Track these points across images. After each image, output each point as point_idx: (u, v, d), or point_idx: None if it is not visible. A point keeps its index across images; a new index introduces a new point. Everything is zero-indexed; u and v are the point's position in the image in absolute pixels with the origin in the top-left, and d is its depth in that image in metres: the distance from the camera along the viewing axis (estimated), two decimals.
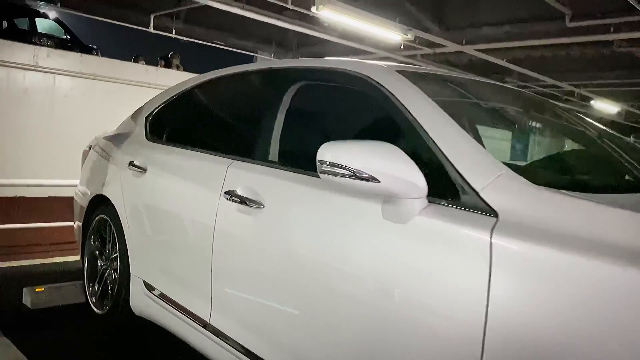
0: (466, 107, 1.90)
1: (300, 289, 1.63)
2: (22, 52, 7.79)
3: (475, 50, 7.54)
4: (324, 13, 5.03)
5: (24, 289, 3.20)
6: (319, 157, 1.39)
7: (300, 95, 2.07)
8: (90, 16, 7.76)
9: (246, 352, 1.83)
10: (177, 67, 10.95)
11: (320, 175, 1.40)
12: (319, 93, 2.07)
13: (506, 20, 6.97)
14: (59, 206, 4.53)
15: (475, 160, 1.35)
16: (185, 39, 8.58)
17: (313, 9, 5.00)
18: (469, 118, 1.78)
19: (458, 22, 7.57)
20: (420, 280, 1.30)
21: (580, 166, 1.67)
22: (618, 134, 2.28)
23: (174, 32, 8.21)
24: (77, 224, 3.28)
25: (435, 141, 1.43)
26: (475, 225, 1.23)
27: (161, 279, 2.40)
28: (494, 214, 1.23)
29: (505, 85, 2.35)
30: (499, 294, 1.14)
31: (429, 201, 1.36)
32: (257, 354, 1.79)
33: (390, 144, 1.36)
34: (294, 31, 7.64)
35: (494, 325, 1.13)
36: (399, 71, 1.76)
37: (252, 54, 10.55)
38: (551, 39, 6.62)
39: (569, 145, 1.98)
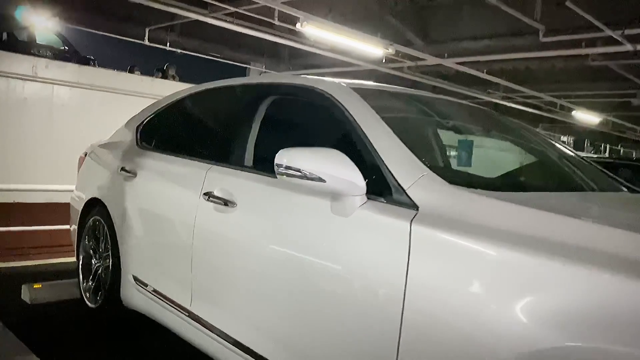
0: (407, 119, 2.19)
1: (264, 275, 1.90)
2: (22, 63, 8.06)
3: (455, 63, 7.85)
4: (307, 29, 5.33)
5: (23, 286, 3.45)
6: (276, 161, 1.66)
7: (272, 108, 2.35)
8: (87, 29, 8.03)
9: (220, 333, 2.09)
10: (173, 78, 11.25)
11: (278, 176, 1.68)
12: (288, 106, 2.35)
13: (486, 35, 7.29)
14: (57, 211, 4.77)
15: (405, 164, 1.63)
16: (179, 51, 8.87)
17: (298, 25, 5.30)
18: (408, 128, 2.06)
19: (441, 36, 7.89)
20: (358, 262, 1.57)
21: (493, 168, 1.94)
22: (553, 143, 2.57)
23: (168, 45, 8.49)
24: (73, 228, 3.53)
25: (376, 148, 1.70)
26: (399, 217, 1.50)
27: (149, 273, 2.65)
28: (416, 207, 1.51)
29: (448, 98, 2.64)
30: (415, 270, 1.41)
31: (368, 198, 1.63)
32: (230, 335, 2.04)
33: (335, 150, 1.64)
34: (285, 44, 7.96)
35: (411, 296, 1.40)
36: (353, 88, 2.04)
37: (245, 66, 10.87)
38: (526, 53, 6.94)
39: (496, 150, 2.27)
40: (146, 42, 7.99)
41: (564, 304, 1.13)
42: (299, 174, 1.62)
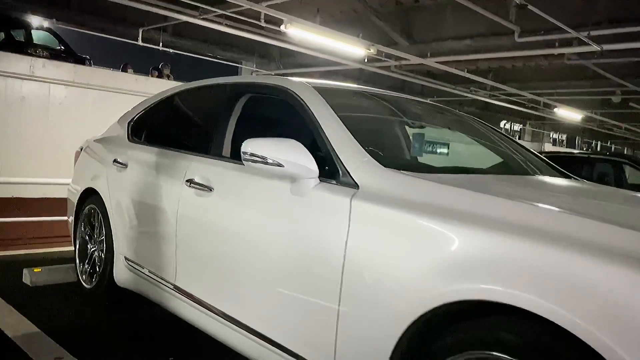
0: (359, 113, 2.49)
1: (236, 250, 2.19)
2: (19, 63, 8.30)
3: (437, 62, 8.16)
4: (291, 31, 5.62)
5: (24, 270, 3.75)
6: (242, 149, 1.96)
7: (248, 104, 2.64)
8: (83, 30, 8.29)
9: (199, 301, 2.38)
10: (168, 77, 11.51)
11: (244, 162, 1.97)
12: (261, 102, 2.64)
13: (467, 35, 7.60)
14: (54, 204, 5.05)
15: (350, 151, 1.92)
16: (171, 51, 9.14)
17: (282, 27, 5.59)
18: (359, 121, 2.35)
19: (424, 37, 8.20)
20: (312, 234, 1.86)
21: (418, 153, 2.25)
22: (502, 135, 2.88)
23: (161, 45, 8.76)
24: (70, 219, 3.82)
25: (329, 138, 2.00)
26: (342, 194, 1.80)
27: (138, 253, 2.94)
28: (357, 186, 1.81)
29: (403, 96, 2.94)
30: (352, 237, 1.70)
31: (321, 180, 1.93)
32: (211, 304, 2.33)
33: (292, 140, 1.93)
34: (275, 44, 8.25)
35: (349, 258, 1.69)
36: (314, 87, 2.33)
37: (237, 65, 11.15)
38: (502, 53, 7.25)
39: (446, 141, 2.58)
40: (139, 43, 8.26)
41: (463, 258, 1.42)
42: (261, 160, 1.91)
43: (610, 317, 1.14)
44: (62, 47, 10.63)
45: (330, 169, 1.93)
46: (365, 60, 7.68)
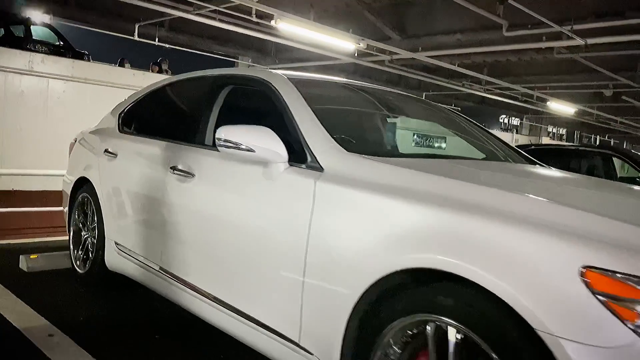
0: (331, 103, 2.63)
1: (215, 231, 2.34)
2: (18, 58, 8.42)
3: (428, 56, 8.28)
4: (281, 25, 5.74)
5: (21, 256, 3.91)
6: (216, 135, 2.10)
7: (229, 95, 2.78)
8: (81, 25, 8.42)
9: (182, 281, 2.53)
10: (165, 72, 11.65)
11: (218, 148, 2.11)
12: (242, 93, 2.77)
13: (457, 30, 7.71)
14: (52, 196, 5.20)
15: (318, 138, 2.06)
16: (167, 46, 9.26)
17: (272, 22, 5.72)
18: (329, 109, 2.49)
19: (416, 31, 8.31)
20: (281, 213, 2.00)
21: (384, 140, 2.39)
22: (472, 124, 3.02)
23: (157, 40, 8.88)
24: (65, 209, 3.97)
25: (299, 126, 2.14)
26: (309, 177, 1.94)
27: (127, 238, 3.09)
28: (322, 169, 1.95)
29: (377, 87, 3.08)
30: (316, 214, 1.84)
31: (291, 164, 2.07)
32: (192, 283, 2.48)
33: (264, 127, 2.07)
34: (270, 39, 8.37)
35: (312, 237, 1.84)
36: (289, 78, 2.47)
37: (234, 60, 11.27)
38: (490, 47, 7.36)
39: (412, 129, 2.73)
40: (135, 38, 8.38)
41: (408, 231, 1.57)
42: (234, 145, 2.06)
43: (525, 277, 1.28)
44: (61, 43, 10.78)
45: (299, 154, 2.07)
46: (356, 55, 7.79)
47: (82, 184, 3.64)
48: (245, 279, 2.16)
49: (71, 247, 3.74)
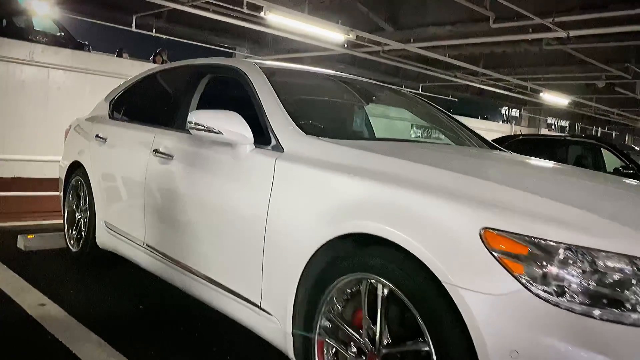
0: (297, 90, 2.82)
1: (191, 208, 2.54)
2: (20, 48, 8.65)
3: (419, 47, 8.42)
4: (270, 17, 5.91)
5: (18, 236, 4.13)
6: (188, 119, 2.30)
7: (209, 83, 2.98)
8: (81, 17, 8.59)
9: (163, 255, 2.75)
10: (164, 62, 11.84)
11: (190, 131, 2.32)
12: (220, 81, 2.97)
13: (448, 21, 7.85)
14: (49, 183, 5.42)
15: (281, 121, 2.26)
16: (164, 37, 9.43)
17: (262, 13, 5.89)
18: (294, 96, 2.68)
19: (409, 23, 8.45)
20: (245, 193, 2.20)
21: (341, 123, 2.59)
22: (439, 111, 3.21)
23: (154, 31, 9.06)
24: (60, 193, 4.19)
25: (265, 110, 2.34)
26: (270, 157, 2.14)
27: (116, 217, 3.30)
28: (282, 150, 2.15)
29: (349, 76, 3.28)
30: (275, 191, 2.04)
31: (257, 146, 2.26)
32: (171, 256, 2.69)
33: (231, 111, 2.27)
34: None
35: (271, 207, 2.04)
36: (261, 67, 2.66)
37: (231, 51, 11.44)
38: (478, 39, 7.51)
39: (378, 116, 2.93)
40: (133, 29, 8.57)
41: (348, 202, 1.77)
42: (204, 128, 2.26)
43: (436, 239, 1.48)
44: (62, 34, 10.98)
45: (265, 137, 2.27)
46: (346, 46, 7.95)
47: (76, 168, 3.85)
48: (216, 250, 2.37)
49: (65, 227, 3.96)
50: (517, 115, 23.16)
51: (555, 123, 27.10)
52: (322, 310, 1.81)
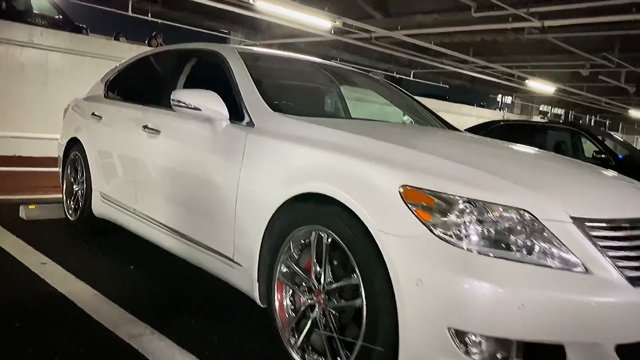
0: (270, 73, 3.14)
1: (174, 177, 2.88)
2: (19, 31, 8.88)
3: (405, 35, 8.70)
4: (259, 3, 6.18)
5: (20, 206, 4.47)
6: (171, 97, 2.62)
7: (194, 65, 3.29)
8: (77, 0, 8.81)
9: (151, 219, 3.08)
10: (159, 46, 12.09)
11: (173, 108, 2.64)
12: (204, 64, 3.27)
13: (435, 9, 8.12)
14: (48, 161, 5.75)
15: (253, 100, 2.58)
16: (160, 21, 9.67)
17: (251, 0, 6.17)
18: (267, 78, 3.00)
19: (397, 10, 8.72)
20: (221, 164, 2.53)
21: (308, 102, 2.93)
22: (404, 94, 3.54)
23: (149, 15, 9.31)
24: (59, 168, 4.51)
25: (240, 89, 2.66)
26: (242, 131, 2.46)
27: (110, 188, 3.64)
28: (253, 125, 2.47)
29: (319, 60, 3.60)
30: (245, 161, 2.37)
31: (231, 122, 2.59)
32: (158, 219, 3.03)
33: (209, 91, 2.59)
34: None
35: (242, 176, 2.37)
36: (239, 52, 2.98)
37: (225, 36, 11.69)
38: (459, 27, 7.79)
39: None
40: (129, 13, 8.81)
41: (302, 167, 2.10)
42: (184, 105, 2.58)
43: (366, 195, 1.81)
44: (61, 17, 11.19)
45: (239, 114, 2.60)
46: (333, 32, 8.22)
47: (74, 144, 4.17)
48: (196, 213, 2.71)
49: (64, 198, 4.29)
50: (510, 102, 23.44)
51: (550, 111, 27.38)
52: (281, 258, 2.15)
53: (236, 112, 2.60)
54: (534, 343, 1.61)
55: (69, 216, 4.19)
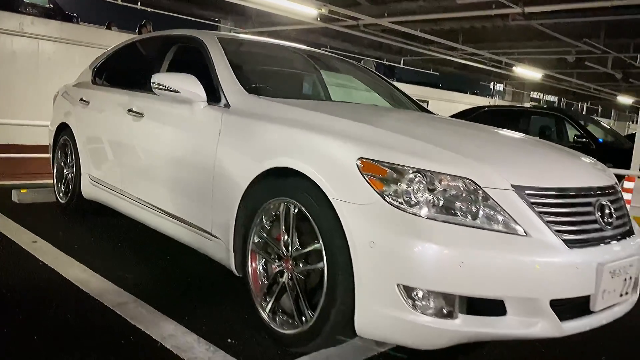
0: (247, 57, 3.28)
1: (156, 156, 3.02)
2: (9, 20, 8.96)
3: (390, 22, 8.82)
4: None
5: (13, 190, 4.61)
6: (151, 80, 2.76)
7: (177, 51, 3.43)
8: None
9: (136, 198, 3.24)
10: (149, 33, 12.12)
11: (154, 91, 2.78)
12: (186, 49, 3.41)
13: None
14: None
15: (229, 82, 2.73)
16: (149, 9, 9.74)
17: None
18: (244, 62, 3.14)
19: None
20: (199, 143, 2.68)
21: (282, 85, 3.09)
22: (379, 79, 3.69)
23: (139, 4, 9.38)
24: (50, 154, 4.65)
25: (217, 73, 2.80)
26: (218, 112, 2.61)
27: (98, 170, 3.78)
28: (229, 106, 2.62)
29: (297, 46, 3.74)
30: (221, 139, 2.52)
31: (209, 104, 2.73)
32: (143, 198, 3.18)
33: (187, 74, 2.73)
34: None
35: (218, 155, 2.52)
36: (218, 38, 3.12)
37: (215, 24, 11.76)
38: (444, 14, 7.91)
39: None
40: (119, 2, 8.89)
41: (271, 143, 2.25)
42: (164, 88, 2.72)
43: (328, 167, 1.97)
44: (51, 6, 11.25)
45: (217, 96, 2.74)
46: (318, 19, 8.33)
47: (63, 129, 4.30)
48: (178, 191, 2.86)
49: (55, 182, 4.44)
50: (502, 89, 23.60)
51: (542, 98, 27.55)
52: (254, 230, 2.31)
53: (214, 95, 2.74)
54: (476, 298, 1.78)
55: (59, 199, 4.34)
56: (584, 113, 28.67)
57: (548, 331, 1.85)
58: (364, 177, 1.88)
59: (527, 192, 1.90)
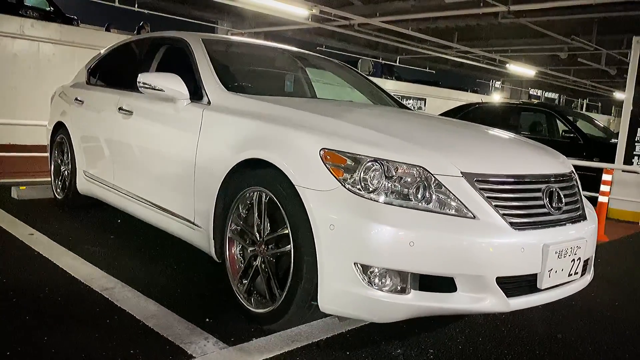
0: (230, 58, 3.45)
1: (144, 152, 3.20)
2: (10, 23, 9.15)
3: (382, 21, 8.97)
4: None
5: (12, 187, 4.80)
6: (137, 80, 2.93)
7: (165, 51, 3.60)
8: None
9: (127, 192, 3.41)
10: None
11: (140, 89, 2.95)
12: (174, 50, 3.58)
13: None
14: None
15: (210, 81, 2.90)
16: (146, 11, 9.92)
17: None
18: (226, 62, 3.31)
19: None
20: (181, 139, 2.85)
21: (261, 83, 3.26)
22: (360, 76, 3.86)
23: (136, 6, 9.56)
24: (47, 153, 4.83)
25: (199, 72, 2.97)
26: (199, 108, 2.78)
27: (92, 166, 3.96)
28: (210, 103, 2.79)
29: (280, 46, 3.90)
30: (202, 134, 2.70)
31: (192, 101, 2.90)
32: (132, 191, 3.36)
33: (171, 73, 2.90)
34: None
35: (199, 148, 2.69)
36: (203, 39, 3.29)
37: (213, 25, 11.93)
38: (435, 12, 8.06)
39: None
40: (116, 4, 9.07)
41: (247, 137, 2.42)
42: (149, 87, 2.89)
43: (294, 157, 2.14)
44: (51, 9, 11.44)
45: (199, 94, 2.91)
46: (309, 19, 8.50)
47: (60, 128, 4.48)
48: (164, 184, 3.03)
49: (52, 179, 4.62)
50: (500, 87, 23.71)
51: (542, 95, 27.62)
52: (231, 218, 2.48)
53: (197, 93, 2.91)
54: (428, 275, 1.95)
55: (56, 195, 4.52)
56: (583, 110, 28.76)
57: (496, 306, 2.01)
58: (326, 166, 2.05)
59: (476, 179, 2.06)
